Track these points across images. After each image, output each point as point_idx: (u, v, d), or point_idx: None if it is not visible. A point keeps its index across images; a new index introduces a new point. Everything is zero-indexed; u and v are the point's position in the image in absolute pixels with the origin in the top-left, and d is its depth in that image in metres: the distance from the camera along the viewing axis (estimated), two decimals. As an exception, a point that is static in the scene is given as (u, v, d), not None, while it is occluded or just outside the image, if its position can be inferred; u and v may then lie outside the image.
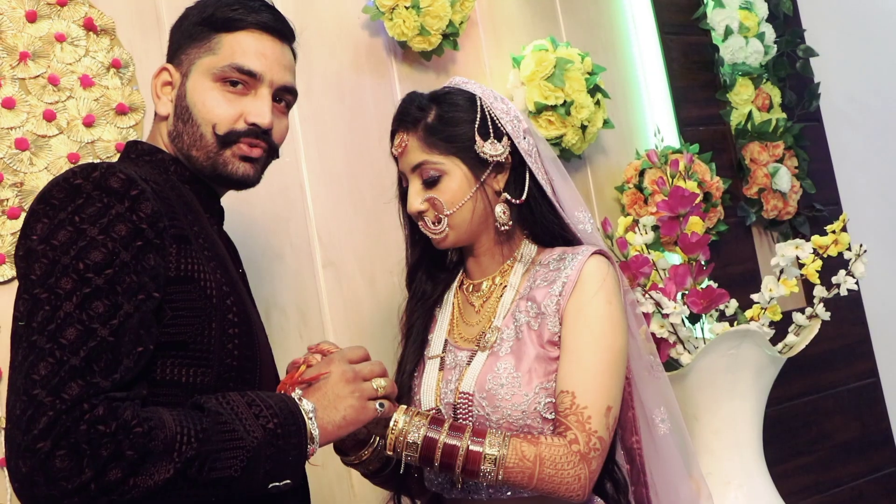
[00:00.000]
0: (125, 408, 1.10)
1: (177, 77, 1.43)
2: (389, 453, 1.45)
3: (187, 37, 1.43)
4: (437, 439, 1.42)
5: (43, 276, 1.14)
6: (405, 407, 1.45)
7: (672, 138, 2.74)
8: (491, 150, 1.57)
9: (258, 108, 1.41)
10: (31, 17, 1.81)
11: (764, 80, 2.96)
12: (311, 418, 1.26)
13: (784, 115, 2.99)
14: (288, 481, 1.24)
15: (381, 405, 1.37)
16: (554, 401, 1.49)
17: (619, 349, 1.51)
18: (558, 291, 1.52)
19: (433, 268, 1.72)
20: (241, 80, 1.40)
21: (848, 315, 3.03)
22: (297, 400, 1.27)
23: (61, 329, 1.11)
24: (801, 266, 2.18)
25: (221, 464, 1.15)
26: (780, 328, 2.23)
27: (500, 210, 1.59)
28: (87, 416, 1.07)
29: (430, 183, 1.58)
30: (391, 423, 1.42)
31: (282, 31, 1.46)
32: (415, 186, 1.60)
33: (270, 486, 1.22)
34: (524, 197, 1.60)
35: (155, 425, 1.11)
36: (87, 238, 1.15)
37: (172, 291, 1.23)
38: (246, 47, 1.41)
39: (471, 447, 1.42)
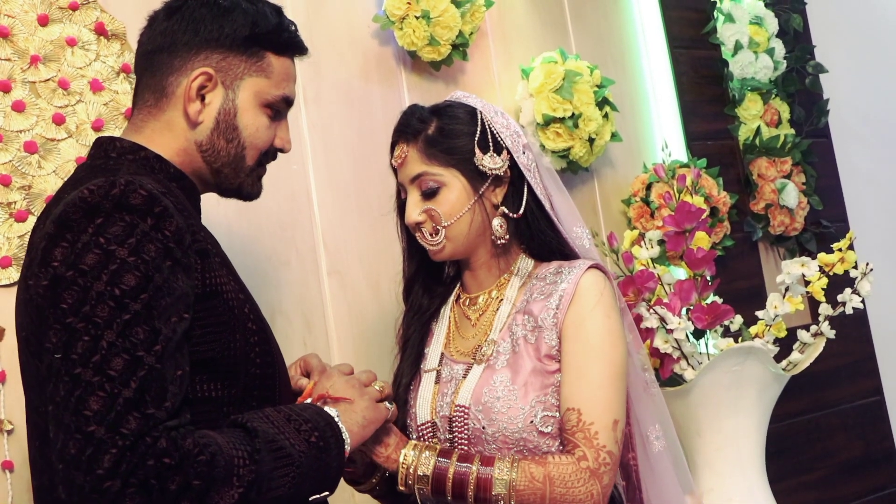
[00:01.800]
0: (184, 437, 1.08)
1: (216, 86, 1.35)
2: (402, 489, 1.48)
3: (231, 43, 1.35)
4: (447, 469, 1.45)
5: (76, 304, 1.09)
6: (414, 442, 1.50)
7: (680, 152, 2.74)
8: (490, 163, 1.58)
9: (288, 136, 1.44)
10: (43, 21, 1.82)
11: (773, 96, 2.95)
12: (339, 423, 1.29)
13: (792, 131, 2.98)
14: (326, 493, 1.25)
15: (390, 403, 1.44)
16: (550, 414, 1.50)
17: (621, 362, 1.52)
18: (555, 305, 1.53)
19: (430, 281, 1.73)
20: (284, 109, 1.42)
21: (853, 332, 3.02)
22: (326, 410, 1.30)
23: (107, 360, 1.06)
24: (806, 283, 2.18)
25: (276, 483, 1.15)
26: (785, 344, 2.22)
27: (497, 223, 1.60)
28: (151, 450, 1.04)
29: (429, 194, 1.58)
30: (401, 458, 1.46)
31: (305, 53, 1.47)
32: (413, 197, 1.60)
33: (311, 498, 1.23)
34: (522, 211, 1.60)
35: (214, 451, 1.09)
36: (117, 261, 1.10)
37: (199, 309, 1.19)
38: (290, 75, 1.42)
39: (481, 474, 1.44)
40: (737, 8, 2.89)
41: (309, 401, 1.36)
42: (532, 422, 1.49)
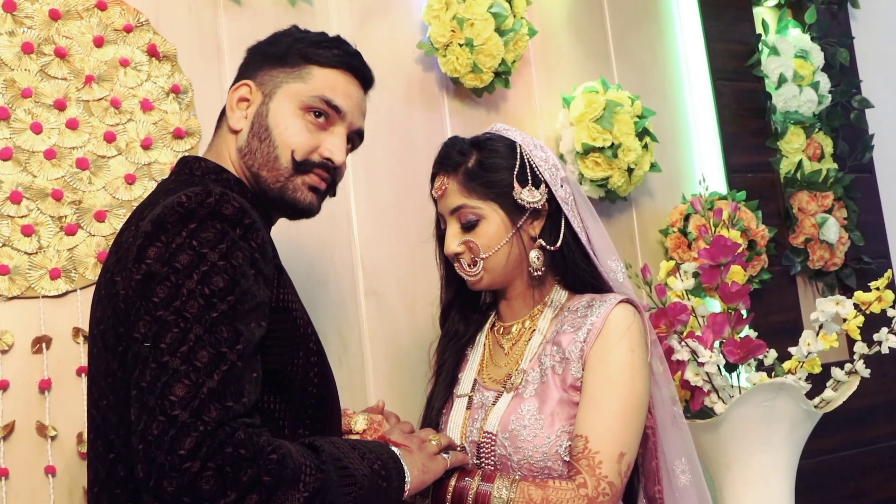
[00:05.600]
0: (259, 434, 1.13)
1: (257, 96, 1.45)
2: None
3: (276, 59, 1.46)
4: (449, 481, 1.49)
5: (167, 298, 1.15)
6: None
7: (720, 184, 2.74)
8: (529, 196, 1.60)
9: (335, 145, 1.46)
10: (99, 43, 1.88)
11: (816, 130, 2.94)
12: (402, 460, 1.36)
13: (835, 166, 2.97)
14: None
15: (447, 453, 1.49)
16: (574, 444, 1.52)
17: (639, 397, 1.53)
18: (583, 338, 1.55)
19: (466, 308, 1.76)
20: (326, 112, 1.45)
21: (891, 370, 2.99)
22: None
23: (194, 351, 1.12)
24: (843, 321, 2.16)
25: (339, 499, 1.20)
26: (820, 379, 2.21)
27: (534, 256, 1.62)
28: (230, 439, 1.09)
29: (468, 226, 1.61)
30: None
31: (368, 78, 1.52)
32: (453, 229, 1.63)
33: None
34: (559, 244, 1.63)
35: (285, 453, 1.14)
36: (208, 263, 1.17)
37: (271, 321, 1.25)
38: (335, 84, 1.46)
39: (480, 488, 1.47)
40: (782, 41, 2.89)
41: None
42: (557, 451, 1.50)
